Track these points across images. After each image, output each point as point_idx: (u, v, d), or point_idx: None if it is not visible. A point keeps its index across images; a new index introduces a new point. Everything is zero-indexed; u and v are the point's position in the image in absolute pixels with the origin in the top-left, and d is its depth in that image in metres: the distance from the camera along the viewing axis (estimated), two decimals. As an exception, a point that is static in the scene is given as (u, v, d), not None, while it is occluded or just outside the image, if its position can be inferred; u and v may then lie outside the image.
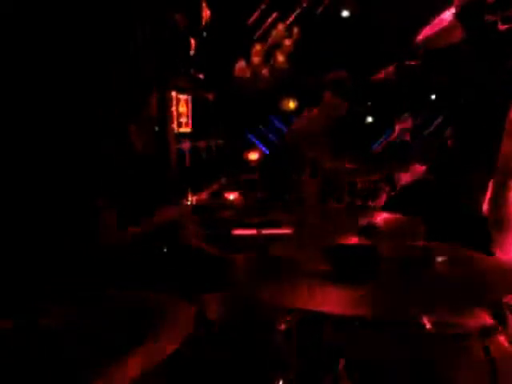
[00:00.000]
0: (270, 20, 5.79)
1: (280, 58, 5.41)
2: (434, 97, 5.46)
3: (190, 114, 4.06)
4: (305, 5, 5.67)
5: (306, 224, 2.36)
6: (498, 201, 1.69)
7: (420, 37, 2.45)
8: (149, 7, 3.07)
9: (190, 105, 4.08)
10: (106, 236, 1.94)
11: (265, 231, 2.10)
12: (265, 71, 5.41)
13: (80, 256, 1.97)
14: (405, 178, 3.20)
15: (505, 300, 1.11)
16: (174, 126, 3.70)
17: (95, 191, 1.91)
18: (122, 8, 2.73)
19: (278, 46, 5.46)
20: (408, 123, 3.34)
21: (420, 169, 3.26)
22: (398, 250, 1.17)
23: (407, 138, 3.35)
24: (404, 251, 1.16)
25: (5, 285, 1.80)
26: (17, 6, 1.88)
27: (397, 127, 3.33)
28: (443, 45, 2.32)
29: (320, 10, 5.79)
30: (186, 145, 4.10)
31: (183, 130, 3.96)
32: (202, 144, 4.82)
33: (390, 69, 3.07)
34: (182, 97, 3.93)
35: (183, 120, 3.97)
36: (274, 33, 5.50)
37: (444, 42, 2.30)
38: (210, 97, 5.12)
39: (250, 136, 6.38)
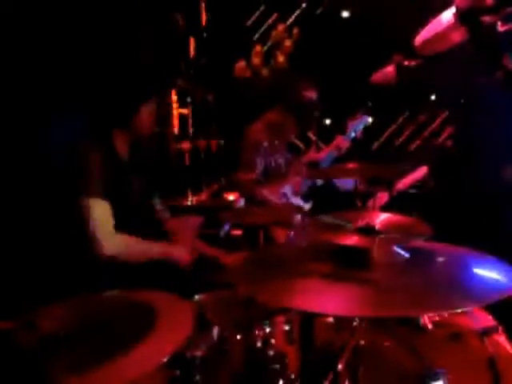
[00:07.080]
0: (270, 21, 5.79)
1: (280, 58, 5.41)
2: (433, 97, 5.45)
3: (189, 115, 4.07)
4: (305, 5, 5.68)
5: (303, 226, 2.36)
6: None
7: (418, 40, 2.44)
8: (150, 8, 3.08)
9: (189, 105, 4.08)
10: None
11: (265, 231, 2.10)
12: (265, 72, 5.41)
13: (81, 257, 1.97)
14: (403, 180, 3.19)
15: None
16: (174, 126, 3.70)
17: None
18: (123, 9, 2.73)
19: (278, 46, 5.46)
20: (358, 120, 3.28)
21: (420, 170, 3.25)
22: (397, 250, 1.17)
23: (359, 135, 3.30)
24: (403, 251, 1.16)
25: (4, 286, 1.80)
26: (18, 6, 1.89)
27: (349, 124, 3.28)
28: (443, 48, 2.31)
29: (320, 10, 5.80)
30: (186, 145, 4.10)
31: (183, 130, 3.96)
32: (201, 144, 4.81)
33: (390, 69, 3.06)
34: (182, 97, 3.93)
35: (183, 120, 3.97)
36: (273, 33, 5.50)
37: (444, 45, 2.29)
38: (210, 97, 5.12)
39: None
